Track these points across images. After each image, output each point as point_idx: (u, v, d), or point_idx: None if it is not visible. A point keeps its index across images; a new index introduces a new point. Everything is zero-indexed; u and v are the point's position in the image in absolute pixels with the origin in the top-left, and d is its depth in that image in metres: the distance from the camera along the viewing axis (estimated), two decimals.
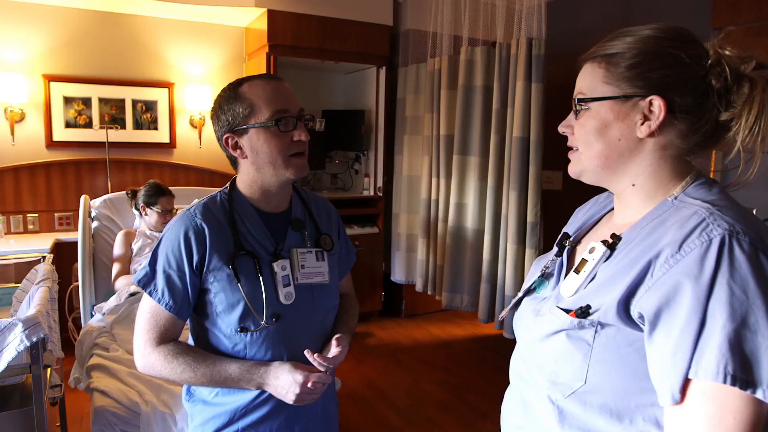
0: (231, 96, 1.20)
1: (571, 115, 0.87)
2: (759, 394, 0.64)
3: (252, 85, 1.19)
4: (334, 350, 1.23)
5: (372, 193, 4.37)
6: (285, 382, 1.16)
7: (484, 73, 3.35)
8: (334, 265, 1.36)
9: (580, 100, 0.84)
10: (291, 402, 1.17)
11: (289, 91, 1.22)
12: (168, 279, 1.18)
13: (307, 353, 1.20)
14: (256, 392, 1.23)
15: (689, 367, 0.67)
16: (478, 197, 3.45)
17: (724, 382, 0.65)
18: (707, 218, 0.71)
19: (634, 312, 0.73)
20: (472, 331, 4.25)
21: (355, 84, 4.57)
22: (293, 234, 1.29)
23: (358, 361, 3.57)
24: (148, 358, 1.19)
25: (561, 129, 0.89)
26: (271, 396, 1.23)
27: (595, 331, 0.77)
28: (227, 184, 1.30)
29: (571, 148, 0.88)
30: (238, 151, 1.22)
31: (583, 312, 0.78)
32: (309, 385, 1.16)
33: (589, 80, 0.83)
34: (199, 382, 1.19)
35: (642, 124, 0.79)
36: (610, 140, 0.81)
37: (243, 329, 1.20)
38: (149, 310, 1.20)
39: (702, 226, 0.71)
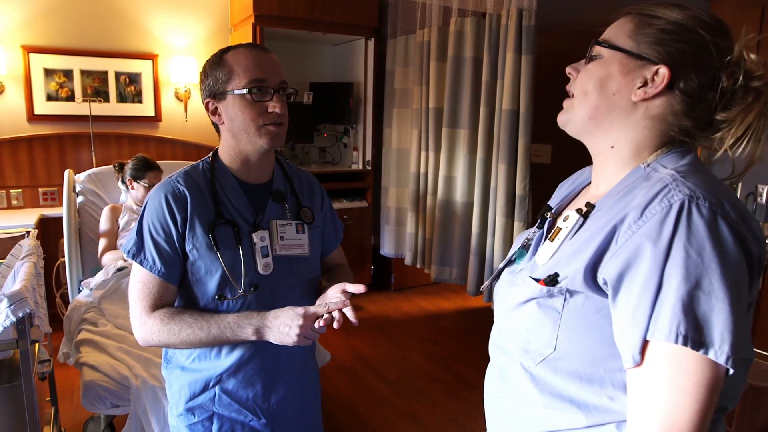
0: (215, 61, 1.22)
1: (583, 61, 0.87)
2: (711, 355, 0.66)
3: (236, 53, 1.20)
4: (351, 288, 1.18)
5: (361, 167, 4.35)
6: (286, 318, 1.13)
7: (473, 44, 3.31)
8: (316, 239, 1.36)
9: (598, 42, 0.84)
10: (294, 340, 1.12)
11: (273, 62, 1.21)
12: (156, 245, 1.18)
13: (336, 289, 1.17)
14: (234, 359, 1.24)
15: (647, 329, 0.69)
16: (467, 170, 3.44)
17: (676, 342, 0.67)
18: (670, 184, 0.73)
19: (600, 278, 0.75)
20: (461, 304, 4.30)
21: (343, 56, 4.50)
22: (273, 206, 1.30)
23: (347, 334, 3.60)
24: (145, 326, 1.19)
25: (568, 70, 0.89)
26: (248, 362, 1.25)
27: (564, 299, 0.79)
28: (210, 154, 1.30)
29: (567, 96, 0.88)
30: (217, 116, 1.24)
31: (552, 280, 0.80)
32: (311, 318, 1.13)
33: (616, 30, 0.83)
34: (197, 338, 1.17)
35: (639, 87, 0.80)
36: (606, 93, 0.82)
37: (221, 297, 1.21)
38: (141, 280, 1.20)
39: (664, 191, 0.72)
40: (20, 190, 3.60)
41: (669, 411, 0.68)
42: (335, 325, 1.14)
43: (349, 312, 1.15)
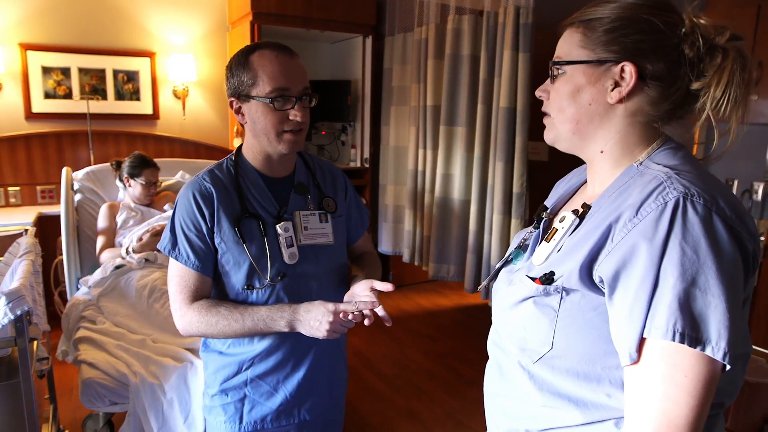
0: (240, 61, 1.24)
1: (548, 81, 0.88)
2: (708, 351, 0.66)
3: (261, 55, 1.22)
4: (379, 285, 1.22)
5: (359, 165, 4.35)
6: (317, 314, 1.18)
7: (471, 42, 3.32)
8: (340, 227, 1.40)
9: (555, 63, 0.85)
10: (323, 335, 1.17)
11: (297, 67, 1.24)
12: (188, 240, 1.25)
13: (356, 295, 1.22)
14: (265, 345, 1.30)
15: (644, 327, 0.69)
16: (464, 168, 3.45)
17: (674, 339, 0.67)
18: (664, 182, 0.73)
19: (596, 276, 0.75)
20: (459, 301, 4.31)
21: (341, 54, 4.50)
22: (296, 197, 1.35)
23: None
24: (185, 317, 1.26)
25: (538, 93, 0.90)
26: (278, 347, 1.31)
27: (561, 298, 0.79)
28: (233, 152, 1.35)
29: (546, 115, 0.89)
30: (241, 116, 1.28)
31: (548, 278, 0.80)
32: (341, 315, 1.16)
33: (566, 45, 0.84)
34: (232, 330, 1.23)
35: (612, 89, 0.80)
36: (582, 104, 0.82)
37: (249, 286, 1.27)
38: (177, 274, 1.27)
39: (659, 189, 0.72)
40: (18, 188, 3.60)
41: (666, 408, 0.68)
42: (366, 322, 1.18)
43: (380, 311, 1.18)
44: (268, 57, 1.21)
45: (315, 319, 1.18)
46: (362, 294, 1.22)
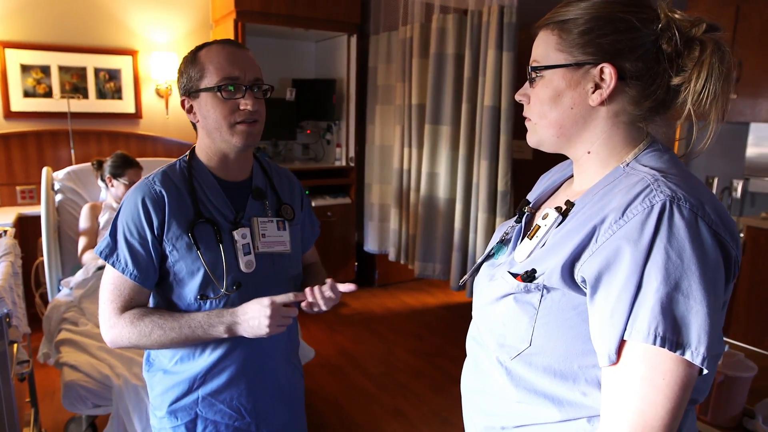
0: (189, 59, 1.21)
1: (527, 84, 0.86)
2: (687, 356, 0.67)
3: (209, 50, 1.19)
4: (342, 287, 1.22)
5: (344, 164, 4.35)
6: (255, 312, 1.14)
7: (455, 41, 3.33)
8: (297, 236, 1.36)
9: (533, 68, 0.83)
10: (266, 331, 1.13)
11: (247, 58, 1.20)
12: (130, 248, 1.16)
13: (307, 290, 1.19)
14: (215, 358, 1.23)
15: (625, 329, 0.70)
16: (449, 167, 3.46)
17: (654, 343, 0.67)
18: (651, 185, 0.72)
19: (578, 276, 0.75)
20: (444, 299, 4.32)
21: (326, 52, 4.49)
22: (254, 203, 1.28)
23: (332, 330, 3.60)
24: (114, 328, 1.17)
25: (517, 97, 0.89)
26: (230, 363, 1.24)
27: (541, 295, 0.79)
28: (187, 152, 1.29)
29: (527, 118, 0.88)
30: (192, 114, 1.23)
31: (529, 276, 0.80)
32: (278, 307, 1.15)
33: (543, 48, 0.83)
34: (168, 339, 1.16)
35: (593, 92, 0.79)
36: (564, 108, 0.81)
37: (203, 297, 1.19)
38: (113, 282, 1.18)
39: (645, 192, 0.72)
40: None
41: (643, 409, 0.69)
42: (304, 305, 1.19)
43: (345, 287, 1.19)
44: (215, 50, 1.18)
45: (254, 318, 1.14)
46: (326, 292, 1.21)
